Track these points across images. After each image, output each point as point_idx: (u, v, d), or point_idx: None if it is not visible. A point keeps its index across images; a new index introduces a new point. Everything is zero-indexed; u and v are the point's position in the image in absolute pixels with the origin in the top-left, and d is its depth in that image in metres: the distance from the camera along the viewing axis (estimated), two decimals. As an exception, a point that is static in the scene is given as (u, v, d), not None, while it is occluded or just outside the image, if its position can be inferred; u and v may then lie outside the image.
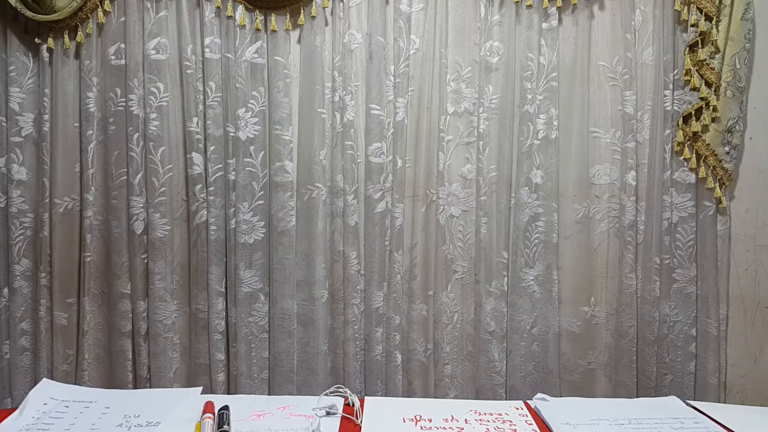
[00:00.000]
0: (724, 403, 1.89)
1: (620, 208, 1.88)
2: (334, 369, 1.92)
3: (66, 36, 1.85)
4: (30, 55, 1.89)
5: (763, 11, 1.84)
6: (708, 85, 1.83)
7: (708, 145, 1.85)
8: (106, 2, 1.84)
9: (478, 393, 1.92)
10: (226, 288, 1.91)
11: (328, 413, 0.80)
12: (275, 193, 1.90)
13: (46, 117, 1.86)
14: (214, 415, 0.76)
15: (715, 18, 1.80)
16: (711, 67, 1.82)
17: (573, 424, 0.78)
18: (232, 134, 1.87)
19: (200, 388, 0.90)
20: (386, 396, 1.88)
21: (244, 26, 1.85)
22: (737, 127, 1.85)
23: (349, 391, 0.85)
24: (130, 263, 1.90)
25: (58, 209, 1.89)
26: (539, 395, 0.87)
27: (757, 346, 1.95)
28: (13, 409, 0.79)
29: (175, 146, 1.90)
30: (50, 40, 1.85)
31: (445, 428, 0.77)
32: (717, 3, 1.80)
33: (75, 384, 1.88)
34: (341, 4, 1.86)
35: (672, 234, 1.89)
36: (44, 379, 0.87)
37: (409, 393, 1.93)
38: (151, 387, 1.90)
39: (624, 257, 1.88)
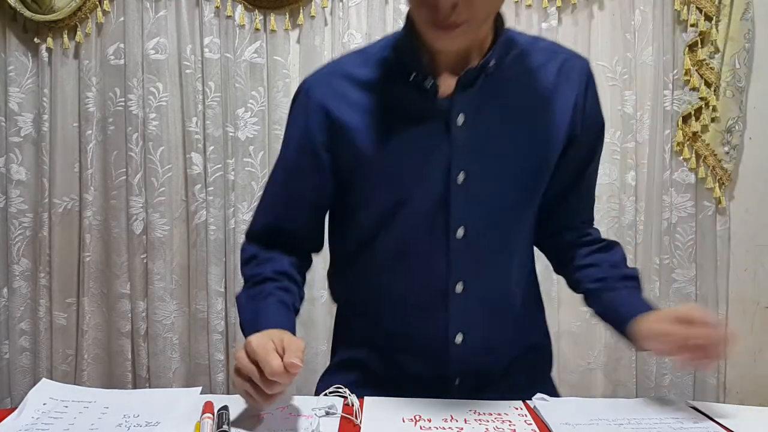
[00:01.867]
0: (723, 403, 1.89)
1: (620, 208, 1.88)
2: (333, 369, 1.92)
3: (65, 36, 1.85)
4: (29, 54, 1.89)
5: (762, 11, 1.84)
6: (707, 85, 1.83)
7: (707, 145, 1.85)
8: (105, 2, 1.84)
9: (478, 393, 1.92)
10: (225, 288, 1.91)
11: (327, 413, 0.80)
12: (275, 193, 1.90)
13: (46, 117, 1.86)
14: (213, 415, 0.76)
15: (714, 18, 1.80)
16: (710, 67, 1.82)
17: (572, 424, 0.78)
18: (231, 134, 1.87)
19: (200, 388, 0.89)
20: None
21: (243, 26, 1.85)
22: (737, 127, 1.85)
23: (348, 392, 0.84)
24: (130, 263, 1.90)
25: (58, 209, 1.89)
26: (539, 395, 0.87)
27: (757, 346, 1.95)
28: (13, 409, 0.79)
29: (175, 146, 1.90)
30: (49, 40, 1.84)
31: (444, 428, 0.76)
32: (717, 3, 1.80)
33: (74, 384, 1.88)
34: (340, 3, 1.86)
35: (671, 234, 1.89)
36: (43, 379, 0.87)
37: (408, 393, 1.93)
38: (150, 387, 1.90)
39: (623, 257, 1.88)
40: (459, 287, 0.86)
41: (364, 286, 0.94)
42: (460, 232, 0.84)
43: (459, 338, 0.88)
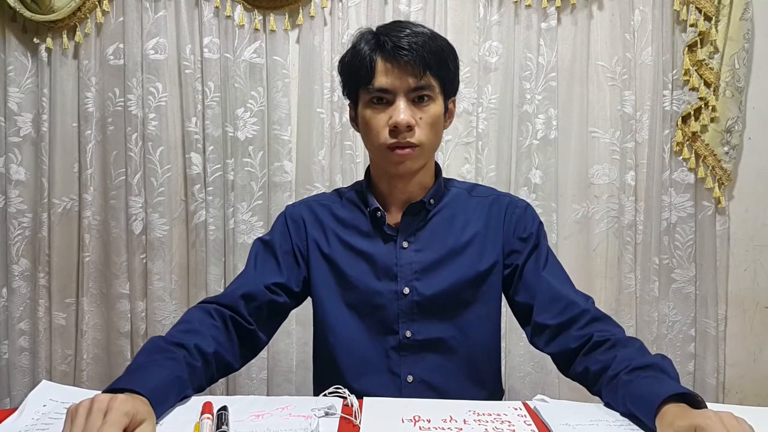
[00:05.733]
0: (723, 403, 1.89)
1: (619, 208, 1.88)
2: (333, 369, 1.92)
3: (64, 36, 1.85)
4: (28, 54, 1.89)
5: (761, 11, 1.84)
6: (707, 85, 1.83)
7: (707, 145, 1.86)
8: (104, 2, 1.84)
9: (477, 393, 1.92)
10: (225, 288, 1.91)
11: (326, 414, 0.80)
12: (274, 193, 1.90)
13: (45, 117, 1.86)
14: (212, 415, 0.76)
15: (714, 18, 1.80)
16: (710, 67, 1.82)
17: (572, 425, 0.78)
18: (230, 134, 1.87)
19: (199, 389, 0.89)
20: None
21: (242, 26, 1.85)
22: (736, 128, 1.85)
23: (347, 392, 0.85)
24: (129, 263, 1.90)
25: (57, 209, 1.89)
26: (539, 396, 0.87)
27: (756, 346, 1.95)
28: (12, 410, 0.79)
29: (174, 146, 1.90)
30: (49, 40, 1.84)
31: (443, 428, 0.76)
32: (716, 3, 1.80)
33: (73, 384, 1.88)
34: (340, 3, 1.85)
35: (671, 234, 1.89)
36: (43, 381, 0.86)
37: (408, 393, 1.93)
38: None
39: (623, 257, 1.88)
40: (409, 378, 1.03)
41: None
42: (409, 335, 1.04)
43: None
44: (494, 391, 1.12)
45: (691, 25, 1.83)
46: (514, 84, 1.88)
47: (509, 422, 0.78)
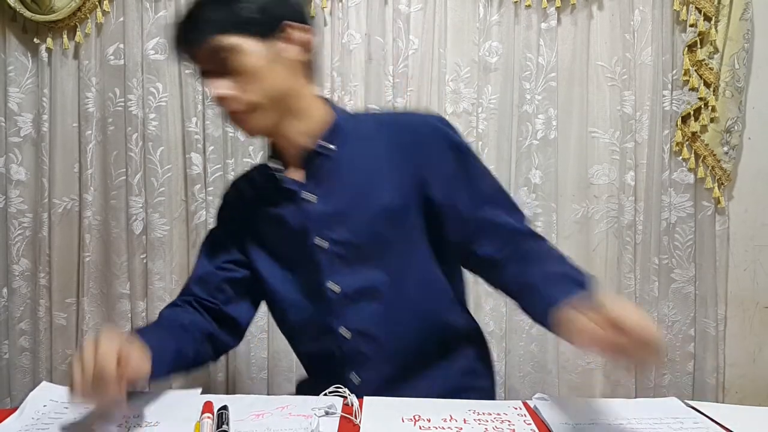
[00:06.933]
0: (722, 403, 1.89)
1: (619, 209, 1.88)
2: (333, 369, 1.92)
3: (65, 36, 1.85)
4: (29, 55, 1.89)
5: (761, 11, 1.84)
6: (707, 85, 1.83)
7: (707, 145, 1.86)
8: (104, 2, 1.84)
9: (477, 393, 1.92)
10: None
11: (327, 413, 0.80)
12: (274, 193, 1.90)
13: (45, 117, 1.86)
14: (213, 415, 0.76)
15: (713, 18, 1.80)
16: (710, 68, 1.82)
17: (572, 424, 0.78)
18: (231, 134, 1.87)
19: (199, 389, 0.90)
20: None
21: (243, 26, 1.85)
22: (736, 128, 1.85)
23: (348, 391, 0.85)
24: (129, 263, 1.90)
25: (57, 209, 1.89)
26: (538, 395, 0.87)
27: (756, 346, 1.95)
28: (13, 410, 0.80)
29: (174, 146, 1.90)
30: (49, 40, 1.84)
31: (443, 428, 0.77)
32: (716, 3, 1.80)
33: (74, 384, 1.88)
34: (340, 4, 1.86)
35: (671, 234, 1.89)
36: (44, 382, 0.87)
37: (408, 393, 1.93)
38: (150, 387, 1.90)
39: (623, 257, 1.88)
40: (347, 334, 0.98)
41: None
42: (336, 289, 0.98)
43: (355, 379, 0.99)
44: (461, 339, 1.04)
45: (691, 26, 1.83)
46: (514, 84, 1.88)
47: (509, 422, 0.79)
